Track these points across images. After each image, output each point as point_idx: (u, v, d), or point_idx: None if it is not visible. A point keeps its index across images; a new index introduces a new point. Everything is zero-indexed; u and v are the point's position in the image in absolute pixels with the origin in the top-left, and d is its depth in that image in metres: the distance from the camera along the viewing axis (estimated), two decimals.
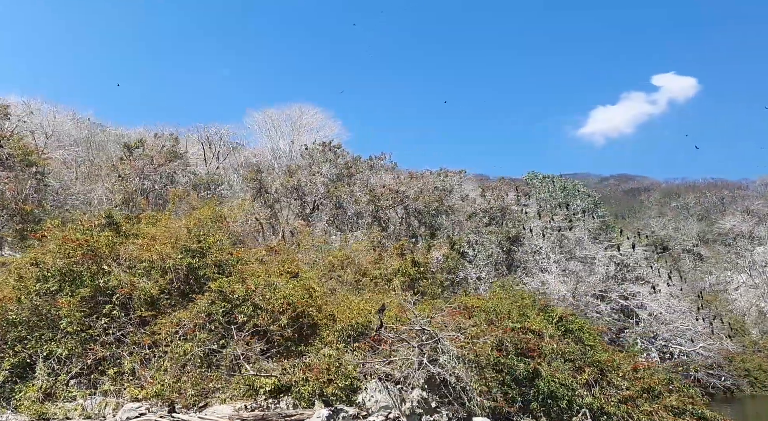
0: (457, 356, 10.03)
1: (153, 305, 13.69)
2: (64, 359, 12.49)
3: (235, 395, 11.00)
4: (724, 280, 48.47)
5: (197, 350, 12.06)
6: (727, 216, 70.51)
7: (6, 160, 21.19)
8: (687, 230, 66.06)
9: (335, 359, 10.73)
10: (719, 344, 32.76)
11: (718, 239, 65.57)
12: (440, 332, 10.68)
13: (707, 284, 46.48)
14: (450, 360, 10.00)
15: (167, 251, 14.64)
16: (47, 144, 31.74)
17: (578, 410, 10.44)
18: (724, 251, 58.08)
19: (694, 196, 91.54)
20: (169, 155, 28.05)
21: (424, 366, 9.86)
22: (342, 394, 10.83)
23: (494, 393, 9.97)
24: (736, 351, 34.42)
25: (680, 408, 11.11)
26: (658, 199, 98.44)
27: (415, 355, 10.21)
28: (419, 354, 10.18)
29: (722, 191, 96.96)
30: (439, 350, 10.21)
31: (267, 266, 17.39)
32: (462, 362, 10.00)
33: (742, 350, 34.98)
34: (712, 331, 29.06)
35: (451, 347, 10.08)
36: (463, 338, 10.55)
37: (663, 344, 31.57)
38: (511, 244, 23.42)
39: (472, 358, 10.12)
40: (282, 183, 28.00)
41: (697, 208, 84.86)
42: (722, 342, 33.11)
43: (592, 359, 11.69)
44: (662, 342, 31.97)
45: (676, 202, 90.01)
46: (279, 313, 11.93)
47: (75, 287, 13.43)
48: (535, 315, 13.32)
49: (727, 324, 36.08)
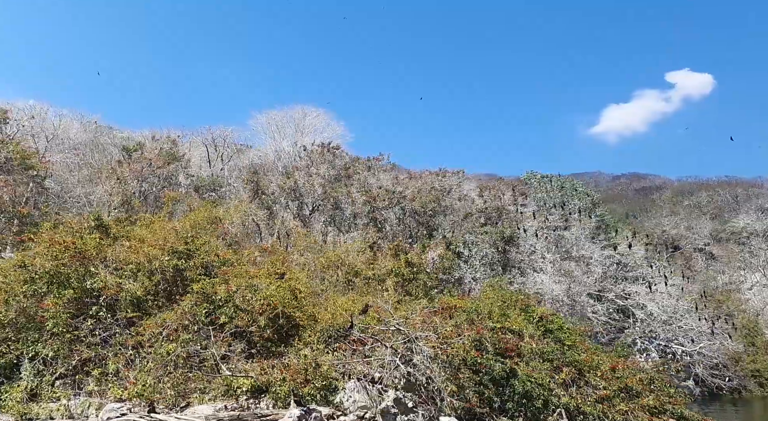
0: (430, 357, 10.04)
1: (139, 306, 13.85)
2: (49, 360, 12.66)
3: (214, 396, 11.05)
4: (738, 279, 47.72)
5: (179, 351, 12.16)
6: (740, 214, 69.57)
7: (4, 164, 21.53)
8: (699, 228, 65.05)
9: (312, 360, 10.78)
10: (721, 344, 32.42)
11: (731, 238, 64.58)
12: (417, 332, 10.69)
13: (720, 284, 45.92)
14: (423, 360, 10.01)
15: (154, 252, 14.79)
16: (50, 147, 32.21)
17: (554, 410, 10.41)
18: (737, 250, 57.21)
19: (707, 194, 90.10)
20: (168, 158, 28.30)
21: (397, 366, 9.89)
22: (318, 394, 10.87)
23: (467, 393, 9.96)
24: (742, 351, 34.00)
25: (658, 408, 11.04)
26: (670, 197, 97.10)
27: (389, 355, 10.24)
28: (393, 354, 10.21)
29: (736, 189, 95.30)
30: (414, 351, 10.22)
31: (257, 268, 17.54)
32: (435, 362, 10.00)
33: (754, 351, 34.48)
34: (712, 332, 28.68)
35: (425, 348, 10.09)
36: (437, 339, 10.53)
37: (664, 345, 31.31)
38: (506, 244, 23.33)
39: (444, 358, 10.11)
40: (279, 184, 28.15)
41: (710, 206, 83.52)
42: (724, 342, 32.75)
43: (571, 358, 11.64)
44: (663, 342, 31.72)
45: (688, 200, 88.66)
46: (258, 314, 12.01)
47: (62, 288, 13.60)
48: (516, 315, 13.29)
49: (732, 324, 35.65)
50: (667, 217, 70.93)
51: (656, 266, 30.05)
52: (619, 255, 26.94)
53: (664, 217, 71.71)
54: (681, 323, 31.41)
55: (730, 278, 47.67)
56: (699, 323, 31.09)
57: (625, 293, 24.75)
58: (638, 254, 29.55)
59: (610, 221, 31.33)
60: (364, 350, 11.46)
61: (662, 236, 60.93)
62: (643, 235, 32.39)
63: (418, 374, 9.86)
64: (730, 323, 35.18)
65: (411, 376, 10.11)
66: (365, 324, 11.58)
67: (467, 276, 24.65)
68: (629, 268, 27.69)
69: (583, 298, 22.19)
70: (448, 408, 9.64)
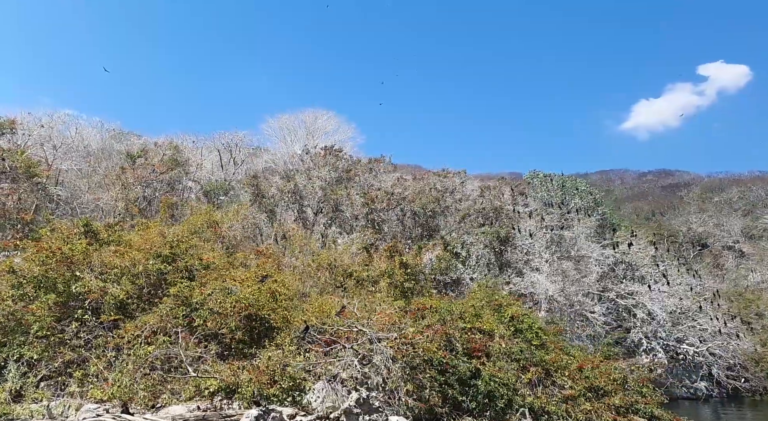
0: (391, 357, 10.07)
1: (123, 309, 14.20)
2: (33, 362, 13.06)
3: (189, 397, 11.28)
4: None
5: (156, 353, 12.43)
6: None
7: (8, 172, 22.25)
8: (729, 225, 63.13)
9: (277, 361, 10.91)
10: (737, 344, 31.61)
11: (763, 235, 62.66)
12: (380, 333, 10.73)
13: (751, 282, 44.62)
14: (384, 361, 10.05)
15: (138, 257, 15.13)
16: (60, 155, 33.09)
17: (518, 409, 10.35)
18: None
19: (739, 190, 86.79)
20: (170, 163, 28.85)
21: (356, 367, 9.95)
22: (283, 394, 10.99)
23: (428, 393, 9.97)
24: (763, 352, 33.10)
25: (625, 407, 10.90)
26: (698, 194, 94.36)
27: (349, 356, 10.31)
28: (354, 355, 10.28)
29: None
30: (375, 351, 10.27)
31: (247, 270, 17.81)
32: (396, 362, 10.03)
33: None
34: (719, 331, 27.98)
35: (384, 348, 10.13)
36: (398, 339, 10.55)
37: (673, 345, 30.65)
38: (501, 244, 23.17)
39: (401, 358, 10.13)
40: (279, 188, 28.46)
41: (741, 202, 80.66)
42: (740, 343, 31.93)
43: (538, 358, 11.55)
44: (672, 342, 31.05)
45: (718, 197, 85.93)
46: (230, 316, 12.20)
47: (48, 293, 14.02)
48: (489, 315, 13.22)
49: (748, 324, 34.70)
50: (695, 214, 69.14)
51: (663, 265, 29.45)
52: (622, 254, 26.49)
53: (692, 214, 69.94)
54: (694, 322, 30.82)
55: (762, 276, 46.31)
56: (713, 323, 30.43)
57: (626, 292, 24.31)
58: (643, 253, 29.02)
59: (615, 220, 30.81)
60: (335, 350, 11.54)
61: (688, 234, 59.54)
62: (650, 233, 31.74)
63: (373, 374, 9.90)
64: (745, 322, 34.28)
65: (368, 376, 10.16)
66: (332, 325, 11.65)
67: (465, 277, 24.54)
68: (633, 267, 27.19)
69: (580, 297, 21.89)
70: (403, 408, 9.66)
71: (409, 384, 9.90)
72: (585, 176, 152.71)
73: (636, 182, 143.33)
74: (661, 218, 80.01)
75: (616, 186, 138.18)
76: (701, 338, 30.31)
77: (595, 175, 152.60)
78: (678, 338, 31.71)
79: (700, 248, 58.17)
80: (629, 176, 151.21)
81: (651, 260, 29.07)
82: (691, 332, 31.01)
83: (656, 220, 77.76)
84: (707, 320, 30.61)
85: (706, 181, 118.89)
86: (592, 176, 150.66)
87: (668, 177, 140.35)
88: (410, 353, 10.18)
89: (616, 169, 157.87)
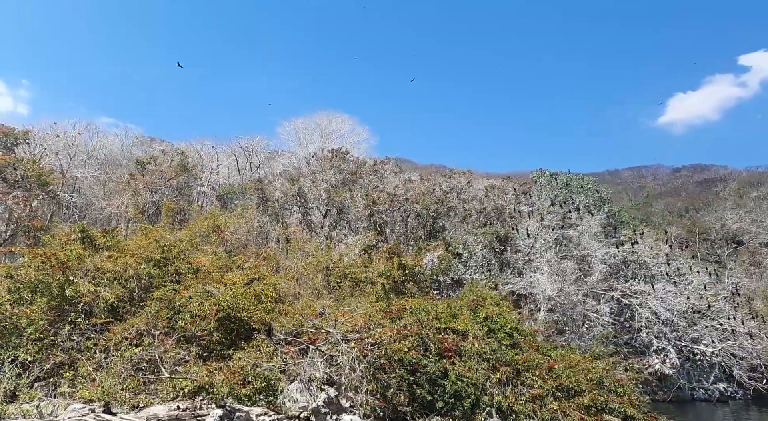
0: (357, 357, 10.18)
1: (114, 312, 14.65)
2: (28, 363, 13.60)
3: (172, 397, 11.60)
4: None
5: (140, 354, 12.80)
6: None
7: (20, 181, 23.15)
8: None
9: (248, 362, 11.13)
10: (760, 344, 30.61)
11: None
12: (349, 334, 10.85)
13: None
14: (348, 361, 10.17)
15: (130, 261, 15.59)
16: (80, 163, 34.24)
17: (485, 409, 10.33)
18: None
19: None
20: (178, 169, 29.53)
21: (318, 367, 10.08)
22: (256, 395, 11.20)
23: (391, 392, 10.04)
24: None
25: (596, 406, 10.76)
26: (735, 189, 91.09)
27: (316, 356, 10.45)
28: (320, 356, 10.42)
29: None
30: (341, 352, 10.39)
31: (240, 273, 18.17)
32: (359, 362, 10.14)
33: None
34: (732, 330, 27.17)
35: (347, 349, 10.24)
36: (366, 339, 10.65)
37: (688, 345, 29.88)
38: (501, 244, 22.99)
39: (362, 358, 10.23)
40: (283, 191, 28.84)
41: None
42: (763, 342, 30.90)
43: (508, 358, 11.49)
44: (687, 343, 30.26)
45: (757, 192, 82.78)
46: (208, 318, 12.48)
47: (44, 296, 14.57)
48: (466, 315, 13.20)
49: None
50: (731, 210, 66.98)
51: (675, 264, 28.75)
52: (631, 253, 25.95)
53: (727, 210, 67.78)
54: (713, 322, 30.03)
55: None
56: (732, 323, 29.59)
57: (631, 291, 23.82)
58: (654, 251, 28.38)
59: (625, 218, 30.18)
60: (304, 352, 11.70)
61: (721, 231, 57.80)
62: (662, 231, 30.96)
63: (334, 374, 10.02)
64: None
65: (335, 377, 10.28)
66: (305, 327, 11.80)
67: (467, 277, 24.43)
68: (643, 266, 26.62)
69: (580, 297, 21.54)
70: (366, 408, 9.76)
71: (372, 384, 9.99)
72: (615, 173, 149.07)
73: (669, 178, 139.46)
74: (695, 215, 77.56)
75: (648, 182, 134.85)
76: (720, 337, 29.52)
77: (626, 171, 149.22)
78: (694, 338, 30.96)
79: (735, 246, 56.41)
80: (662, 172, 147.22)
81: (662, 259, 28.41)
82: (708, 332, 30.25)
83: (690, 216, 75.55)
84: (726, 320, 29.83)
85: (745, 176, 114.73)
86: (622, 173, 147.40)
87: (703, 172, 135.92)
88: (375, 353, 10.25)
89: (649, 166, 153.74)
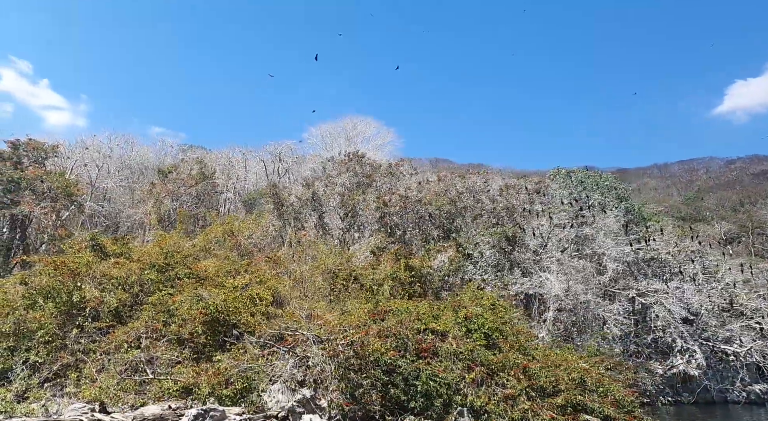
0: (327, 358, 10.40)
1: (118, 316, 15.39)
2: (38, 365, 14.47)
3: (149, 397, 12.12)
4: None
5: (135, 356, 13.43)
6: None
7: (47, 193, 24.52)
8: None
9: (229, 364, 11.54)
10: None
11: None
12: (324, 335, 11.09)
13: None
14: (319, 362, 10.40)
15: (134, 267, 16.33)
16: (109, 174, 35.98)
17: (456, 408, 10.37)
18: None
19: None
20: (198, 177, 30.54)
21: (289, 368, 10.36)
22: (237, 395, 11.60)
23: (361, 392, 10.21)
24: None
25: (571, 406, 10.60)
26: None
27: (289, 358, 10.74)
28: (292, 357, 10.71)
29: None
30: (312, 354, 10.64)
31: (242, 277, 18.72)
32: (330, 363, 10.36)
33: None
34: (760, 329, 25.99)
35: (317, 351, 10.48)
36: (339, 341, 10.84)
37: (717, 344, 28.74)
38: (509, 243, 22.72)
39: (332, 358, 10.42)
40: (298, 196, 29.37)
41: None
42: None
43: (483, 358, 11.45)
44: (717, 342, 29.10)
45: None
46: (195, 321, 12.97)
47: (54, 302, 15.45)
48: (449, 316, 13.21)
49: None
50: None
51: (701, 261, 27.68)
52: (650, 250, 25.14)
53: None
54: (751, 321, 28.87)
55: None
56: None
57: (648, 290, 23.08)
58: (679, 248, 27.41)
59: (646, 215, 29.23)
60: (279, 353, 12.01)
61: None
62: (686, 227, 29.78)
63: (301, 374, 10.25)
64: None
65: (308, 377, 10.54)
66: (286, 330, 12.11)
67: (477, 278, 24.28)
68: (664, 263, 25.75)
69: (591, 297, 21.03)
70: (330, 407, 9.98)
71: (342, 384, 10.19)
72: (664, 167, 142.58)
73: (723, 171, 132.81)
74: (751, 208, 74.10)
75: (699, 176, 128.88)
76: (755, 337, 28.31)
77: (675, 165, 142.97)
78: (726, 338, 29.75)
79: None
80: (715, 165, 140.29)
81: (688, 256, 27.41)
82: (743, 332, 29.04)
83: (745, 210, 72.28)
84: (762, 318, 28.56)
85: None
86: (671, 167, 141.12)
87: (761, 163, 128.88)
88: (347, 354, 10.45)
89: (701, 158, 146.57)
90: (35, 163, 26.68)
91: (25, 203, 23.85)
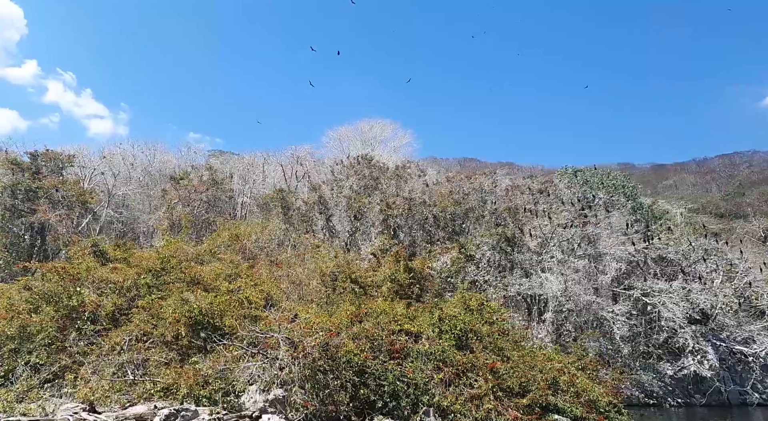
0: (293, 359, 10.67)
1: (114, 319, 16.00)
2: (38, 366, 15.17)
3: (133, 398, 12.60)
4: None
5: (123, 359, 13.96)
6: None
7: (62, 201, 25.58)
8: None
9: (205, 366, 11.92)
10: None
11: None
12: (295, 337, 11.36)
13: None
14: (287, 363, 10.68)
15: (130, 273, 16.94)
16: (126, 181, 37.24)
17: (422, 408, 10.51)
18: None
19: None
20: (209, 184, 31.31)
21: (257, 369, 10.67)
22: (212, 395, 11.96)
23: (327, 393, 10.43)
24: None
25: (538, 406, 10.59)
26: None
27: (260, 359, 11.06)
28: (262, 359, 11.02)
29: None
30: (281, 355, 10.93)
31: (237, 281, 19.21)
32: (296, 364, 10.62)
33: None
34: None
35: (284, 353, 10.75)
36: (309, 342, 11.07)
37: (733, 345, 27.91)
38: (509, 244, 22.59)
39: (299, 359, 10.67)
40: (304, 200, 29.82)
41: None
42: None
43: (452, 359, 11.51)
44: (733, 343, 28.27)
45: None
46: (179, 324, 13.42)
47: (55, 306, 16.16)
48: (426, 318, 13.29)
49: None
50: None
51: (712, 260, 26.94)
52: (657, 249, 24.60)
53: None
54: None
55: None
56: None
57: (652, 290, 22.59)
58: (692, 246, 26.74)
59: (658, 213, 28.58)
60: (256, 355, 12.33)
61: None
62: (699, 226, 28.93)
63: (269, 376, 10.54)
64: None
65: (281, 378, 10.83)
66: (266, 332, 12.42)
67: (479, 279, 24.24)
68: (672, 263, 25.18)
69: (591, 297, 20.73)
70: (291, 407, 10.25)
71: (308, 384, 10.43)
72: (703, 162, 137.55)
73: (761, 166, 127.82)
74: None
75: (741, 170, 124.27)
76: None
77: (716, 160, 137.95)
78: (744, 339, 28.89)
79: None
80: (758, 159, 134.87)
81: (701, 254, 26.71)
82: (763, 332, 28.17)
83: None
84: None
85: None
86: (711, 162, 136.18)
87: None
88: (314, 355, 10.68)
89: (743, 152, 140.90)
90: (52, 172, 27.86)
91: (42, 211, 24.93)
